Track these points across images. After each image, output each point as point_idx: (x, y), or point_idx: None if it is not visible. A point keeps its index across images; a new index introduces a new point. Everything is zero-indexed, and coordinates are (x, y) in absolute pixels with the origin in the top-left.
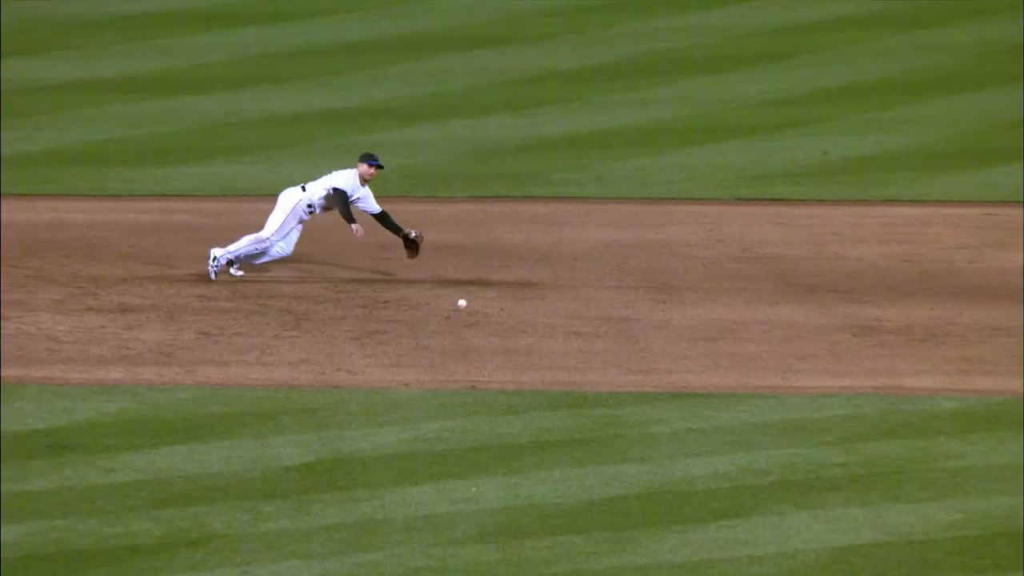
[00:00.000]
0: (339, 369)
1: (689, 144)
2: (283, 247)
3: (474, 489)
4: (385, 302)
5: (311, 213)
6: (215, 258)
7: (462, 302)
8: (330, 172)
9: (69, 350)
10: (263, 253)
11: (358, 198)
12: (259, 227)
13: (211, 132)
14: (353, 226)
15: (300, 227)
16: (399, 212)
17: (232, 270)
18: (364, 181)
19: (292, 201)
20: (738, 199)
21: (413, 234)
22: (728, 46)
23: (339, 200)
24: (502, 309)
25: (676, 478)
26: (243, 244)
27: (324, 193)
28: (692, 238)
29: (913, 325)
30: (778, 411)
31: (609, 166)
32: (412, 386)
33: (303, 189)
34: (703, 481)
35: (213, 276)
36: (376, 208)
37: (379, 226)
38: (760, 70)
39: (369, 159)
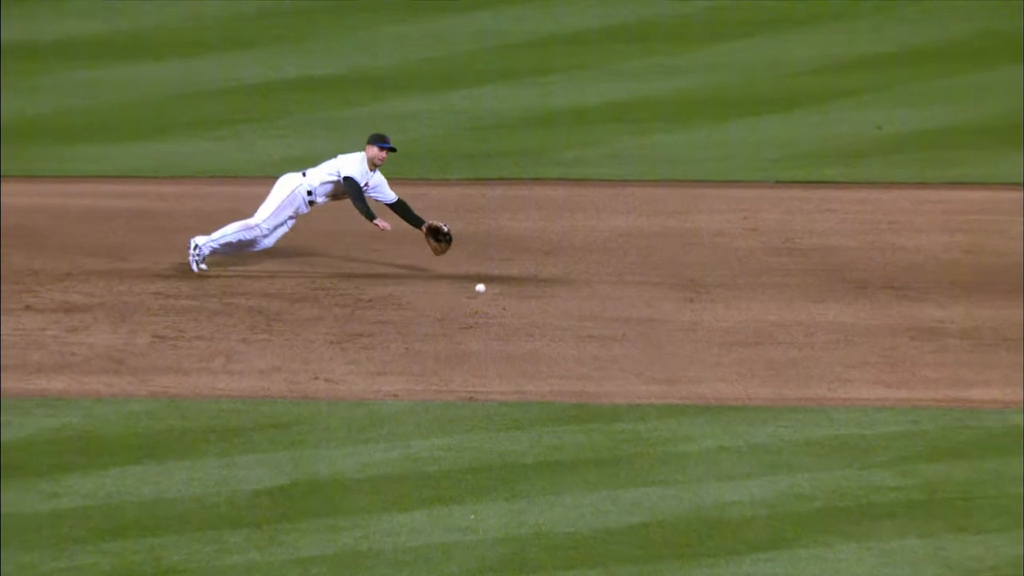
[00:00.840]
0: (316, 378)
1: (721, 118)
2: (264, 228)
3: (473, 516)
4: (370, 300)
5: (311, 203)
6: (197, 247)
7: (480, 287)
8: (335, 156)
9: (4, 356)
10: (252, 243)
11: (371, 186)
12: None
13: (169, 104)
14: (376, 221)
15: (292, 221)
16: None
17: (192, 261)
18: (374, 166)
19: (290, 187)
20: (778, 182)
21: (443, 227)
22: (766, 5)
23: (352, 192)
24: (505, 309)
25: (706, 504)
26: (230, 232)
27: (329, 179)
28: (725, 227)
29: (980, 327)
30: (824, 427)
31: (628, 143)
32: (401, 397)
33: (303, 175)
34: (737, 508)
35: (195, 268)
36: (392, 196)
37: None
38: (804, 32)
39: (379, 141)
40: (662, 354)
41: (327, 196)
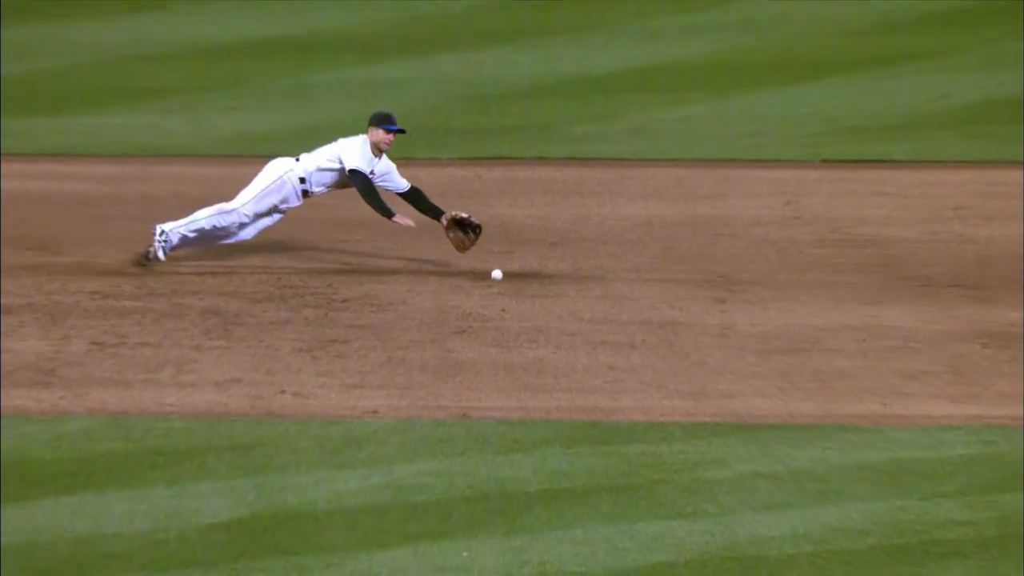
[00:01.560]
0: (283, 391)
1: (757, 85)
2: (244, 217)
3: (466, 554)
4: (345, 301)
5: (305, 194)
6: (163, 233)
7: (497, 273)
8: (335, 140)
9: None
10: (227, 233)
11: (377, 174)
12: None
13: (107, 69)
14: (396, 218)
15: (279, 216)
16: None
17: (157, 249)
18: (379, 151)
19: (278, 172)
20: (825, 161)
21: (469, 217)
22: None
23: (362, 187)
24: (504, 310)
25: (740, 539)
26: (203, 217)
27: (329, 167)
28: (762, 214)
29: None
30: (879, 449)
31: (649, 116)
32: (382, 414)
33: (296, 160)
34: (777, 543)
35: (163, 257)
36: (404, 184)
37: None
38: None
39: (384, 122)
40: (688, 364)
41: (325, 186)
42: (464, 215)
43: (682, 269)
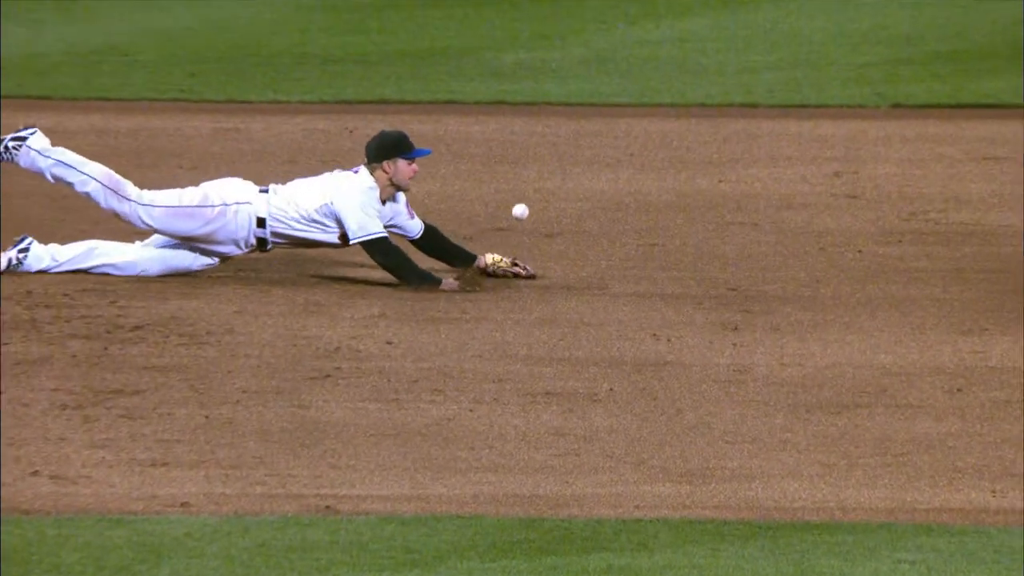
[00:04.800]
0: (36, 472)
1: None
2: (145, 261)
3: None
4: (137, 328)
5: (262, 243)
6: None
7: (521, 209)
8: (320, 175)
9: None
10: (100, 259)
11: (387, 221)
12: None
13: None
14: (446, 286)
15: (213, 261)
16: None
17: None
18: (393, 189)
19: (232, 195)
20: (896, 106)
21: (513, 264)
22: None
23: (386, 260)
24: (390, 343)
25: None
26: (92, 177)
27: (315, 219)
28: (797, 190)
29: None
30: (986, 563)
31: (620, 36)
32: (197, 508)
33: (263, 191)
34: None
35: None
36: (416, 226)
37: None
38: None
39: (401, 149)
40: (681, 426)
41: (292, 240)
42: (507, 261)
43: (672, 278)
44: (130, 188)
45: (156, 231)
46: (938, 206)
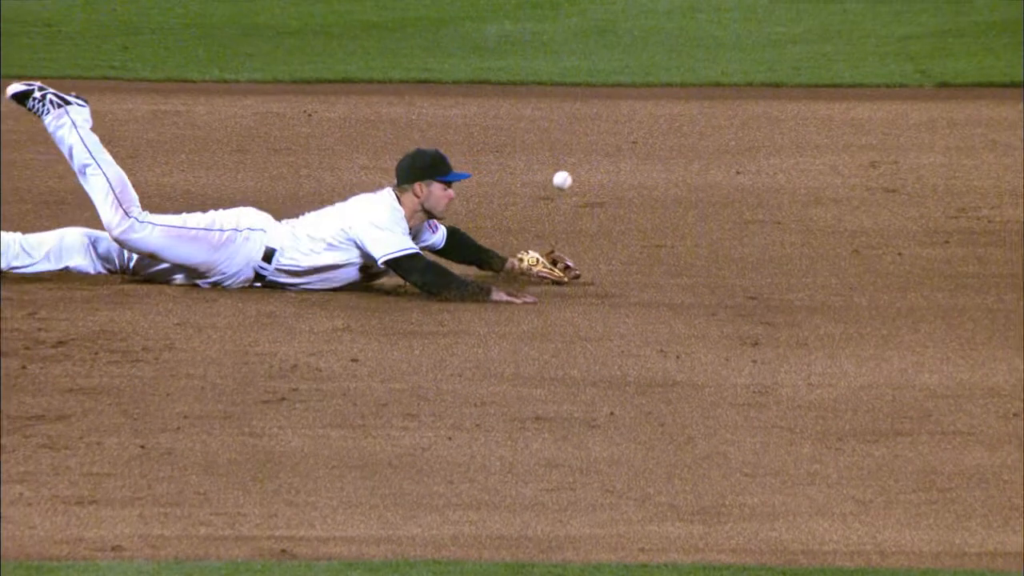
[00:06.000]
0: None
1: None
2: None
3: None
4: (61, 344)
5: (258, 278)
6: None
7: (562, 177)
8: (345, 200)
9: None
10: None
11: (422, 241)
12: None
13: None
14: (495, 295)
15: (195, 280)
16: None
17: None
18: (423, 216)
19: (243, 221)
20: (943, 85)
21: (548, 260)
22: None
23: (423, 279)
24: (355, 360)
25: None
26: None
27: (335, 246)
28: (828, 183)
29: None
30: None
31: (618, 7)
32: (129, 552)
33: (274, 220)
34: None
35: None
36: (440, 236)
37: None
38: None
39: (437, 171)
40: (694, 457)
41: (301, 272)
42: (542, 261)
43: (682, 285)
44: (135, 205)
45: (147, 254)
46: (991, 201)
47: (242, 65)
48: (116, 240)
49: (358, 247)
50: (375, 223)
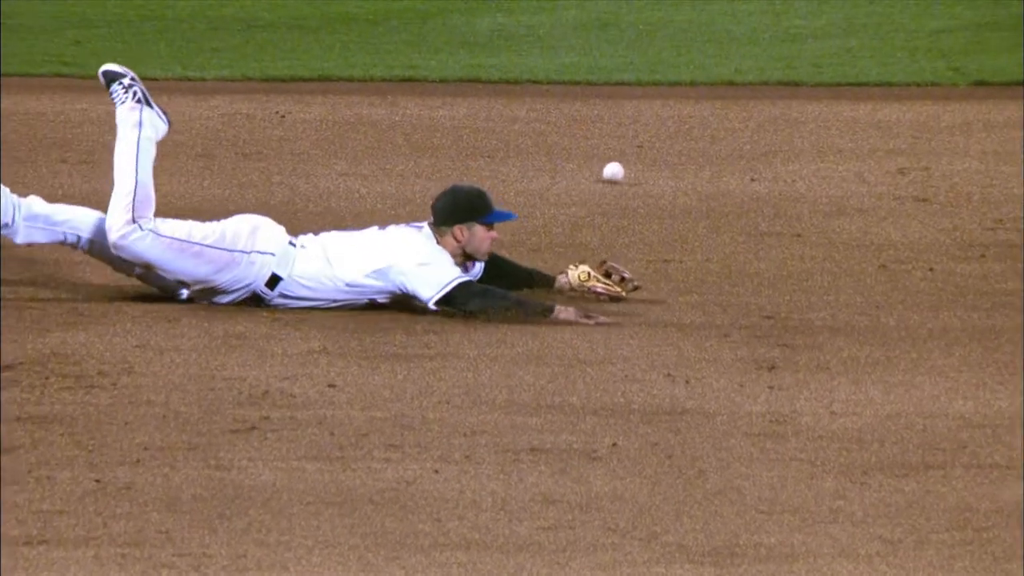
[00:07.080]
0: None
1: None
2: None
3: None
4: (9, 368)
5: (257, 299)
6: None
7: (613, 169)
8: (384, 228)
9: None
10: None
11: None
12: None
13: None
14: (559, 313)
15: (203, 297)
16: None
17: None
18: (464, 259)
19: (257, 241)
20: (979, 83)
21: (602, 274)
22: None
23: (483, 299)
24: (332, 387)
25: None
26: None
27: (366, 284)
28: (852, 191)
29: None
30: None
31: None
32: None
33: (291, 244)
34: None
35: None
36: (480, 268)
37: None
38: None
39: (479, 212)
40: (705, 492)
41: (307, 299)
42: (595, 275)
43: (692, 303)
44: (147, 216)
45: (142, 264)
46: None
47: (208, 61)
48: (113, 245)
49: (396, 288)
50: (420, 261)
